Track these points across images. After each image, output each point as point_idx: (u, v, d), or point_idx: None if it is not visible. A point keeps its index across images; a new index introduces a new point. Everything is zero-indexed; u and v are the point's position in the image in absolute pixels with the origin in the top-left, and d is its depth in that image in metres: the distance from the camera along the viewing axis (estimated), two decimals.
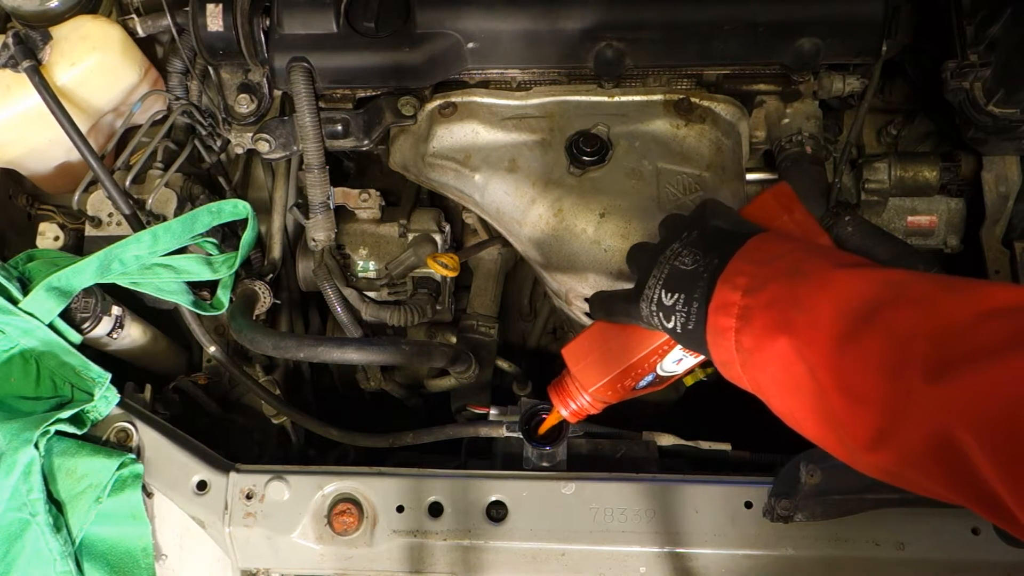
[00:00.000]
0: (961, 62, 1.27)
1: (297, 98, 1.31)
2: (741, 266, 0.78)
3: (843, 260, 0.74)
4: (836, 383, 0.68)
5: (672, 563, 1.10)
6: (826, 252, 0.77)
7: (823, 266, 0.73)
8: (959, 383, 0.59)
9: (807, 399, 0.72)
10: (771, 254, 0.78)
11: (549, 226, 1.26)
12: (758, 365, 0.75)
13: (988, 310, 0.62)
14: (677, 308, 0.82)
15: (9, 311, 1.18)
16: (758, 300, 0.74)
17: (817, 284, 0.71)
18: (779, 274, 0.75)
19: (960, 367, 0.60)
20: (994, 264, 1.45)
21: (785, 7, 1.25)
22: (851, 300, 0.68)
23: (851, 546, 1.07)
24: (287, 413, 1.40)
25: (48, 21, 1.38)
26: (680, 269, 0.83)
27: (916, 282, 0.68)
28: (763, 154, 1.47)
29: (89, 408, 1.18)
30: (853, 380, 0.67)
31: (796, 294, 0.72)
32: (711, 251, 0.82)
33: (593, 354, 1.02)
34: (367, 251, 1.42)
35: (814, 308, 0.70)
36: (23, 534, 1.10)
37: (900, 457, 0.65)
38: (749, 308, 0.75)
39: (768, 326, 0.73)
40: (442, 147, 1.34)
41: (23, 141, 1.40)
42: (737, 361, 0.77)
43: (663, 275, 0.84)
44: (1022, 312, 0.61)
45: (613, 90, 1.33)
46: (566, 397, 1.06)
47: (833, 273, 0.71)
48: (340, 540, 1.13)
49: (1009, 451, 0.56)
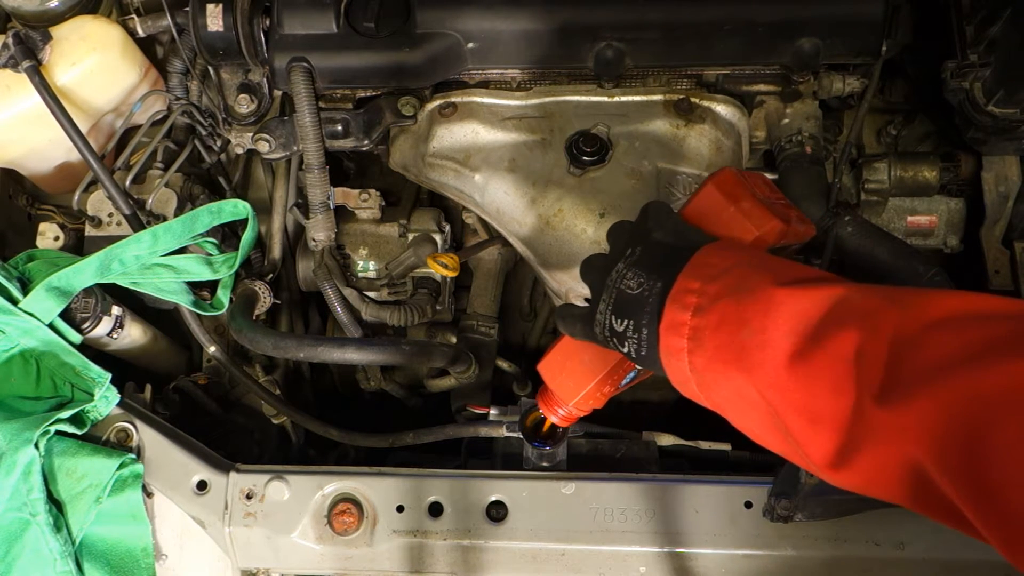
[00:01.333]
0: (961, 62, 1.27)
1: (297, 98, 1.31)
2: (688, 284, 0.75)
3: (786, 276, 0.70)
4: (789, 405, 0.67)
5: (672, 563, 1.10)
6: (770, 265, 0.74)
7: (766, 284, 0.70)
8: (910, 406, 0.58)
9: (763, 419, 0.71)
10: (717, 268, 0.75)
11: (549, 226, 1.26)
12: (712, 386, 0.74)
13: (934, 321, 0.60)
14: (628, 334, 0.80)
15: (9, 311, 1.18)
16: (707, 320, 0.72)
17: (762, 304, 0.69)
18: (725, 292, 0.72)
19: (910, 389, 0.58)
20: (994, 264, 1.45)
21: (785, 7, 1.25)
22: (796, 320, 0.67)
23: (851, 546, 1.07)
24: (287, 413, 1.40)
25: (48, 21, 1.38)
26: (627, 294, 0.80)
27: (860, 297, 0.66)
28: (763, 154, 1.47)
29: (89, 408, 1.18)
30: (806, 402, 0.66)
31: (743, 315, 0.70)
32: (654, 272, 0.79)
33: (568, 367, 0.98)
34: (367, 251, 1.42)
35: (762, 330, 0.68)
36: (23, 534, 1.10)
37: (863, 478, 0.64)
38: (699, 329, 0.73)
39: (718, 348, 0.71)
40: (442, 147, 1.34)
41: (23, 141, 1.40)
42: (692, 381, 0.75)
43: (611, 300, 0.81)
44: (968, 321, 0.60)
45: (613, 90, 1.33)
46: (553, 405, 1.04)
47: (776, 292, 0.69)
48: (340, 540, 1.13)
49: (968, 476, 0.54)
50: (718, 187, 0.86)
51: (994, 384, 0.54)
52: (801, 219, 0.88)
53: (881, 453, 0.61)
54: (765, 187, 0.89)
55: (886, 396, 0.60)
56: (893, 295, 0.65)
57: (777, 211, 0.85)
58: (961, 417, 0.55)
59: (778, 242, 0.85)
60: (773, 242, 0.84)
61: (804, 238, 0.89)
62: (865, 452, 0.62)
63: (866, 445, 0.62)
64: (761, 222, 0.83)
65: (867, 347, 0.62)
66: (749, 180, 0.87)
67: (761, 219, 0.83)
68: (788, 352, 0.66)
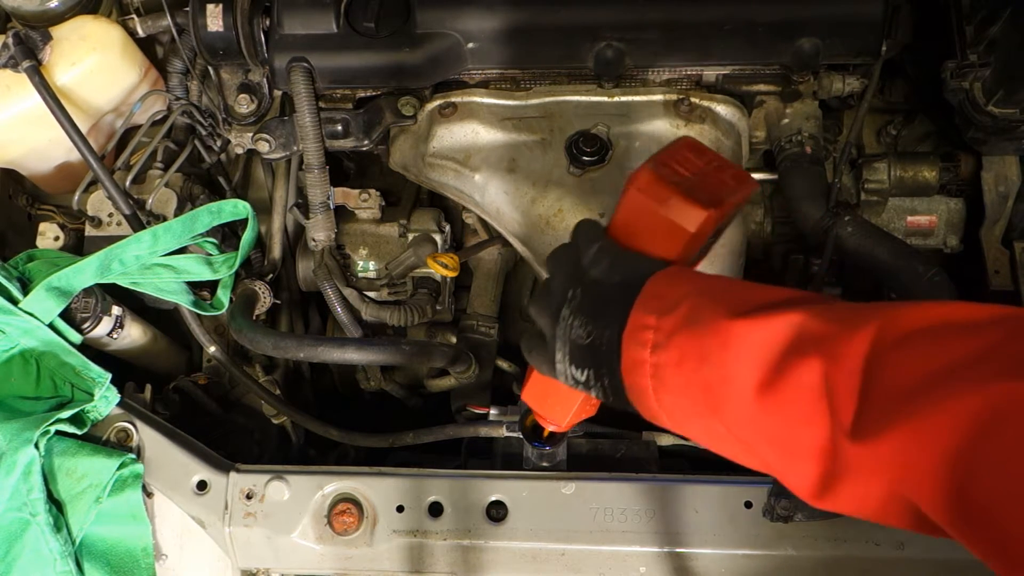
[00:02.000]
0: (961, 62, 1.27)
1: (297, 98, 1.31)
2: (643, 320, 0.71)
3: (741, 305, 0.67)
4: (763, 438, 0.65)
5: (672, 563, 1.10)
6: (723, 293, 0.70)
7: (720, 316, 0.67)
8: (884, 440, 0.56)
9: (741, 453, 0.69)
10: (669, 300, 0.71)
11: (549, 226, 1.26)
12: (684, 423, 0.72)
13: (893, 341, 0.58)
14: (591, 383, 0.77)
15: (9, 311, 1.18)
16: (668, 357, 0.69)
17: (719, 338, 0.66)
18: (681, 325, 0.69)
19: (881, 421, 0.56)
20: (994, 264, 1.44)
21: (785, 7, 1.25)
22: (756, 352, 0.64)
23: (851, 546, 1.07)
24: (287, 413, 1.40)
25: (48, 21, 1.38)
26: (579, 343, 0.76)
27: (815, 322, 0.63)
28: (763, 154, 1.46)
29: (89, 408, 1.18)
30: (779, 434, 0.64)
31: (701, 351, 0.67)
32: (602, 317, 0.75)
33: (550, 392, 0.93)
34: (367, 251, 1.42)
35: (722, 365, 0.65)
36: (23, 534, 1.10)
37: (849, 507, 0.62)
38: (660, 367, 0.70)
39: (683, 386, 0.69)
40: (442, 147, 1.34)
41: (23, 141, 1.40)
42: (664, 418, 0.73)
43: (566, 351, 0.77)
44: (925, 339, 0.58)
45: (613, 90, 1.33)
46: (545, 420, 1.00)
47: (732, 325, 0.66)
48: (340, 540, 1.13)
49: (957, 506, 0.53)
50: (640, 191, 0.79)
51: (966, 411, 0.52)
52: (738, 177, 0.81)
53: (862, 486, 0.59)
54: (691, 157, 0.81)
55: (859, 430, 0.58)
56: (851, 317, 0.62)
57: (709, 190, 0.78)
58: (938, 447, 0.53)
59: (721, 221, 0.80)
60: (714, 227, 0.79)
61: (748, 197, 0.82)
62: (846, 485, 0.60)
63: (846, 478, 0.60)
64: (693, 218, 0.76)
65: (832, 376, 0.60)
66: (672, 164, 0.80)
67: (692, 214, 0.76)
68: (754, 385, 0.64)
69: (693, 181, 0.79)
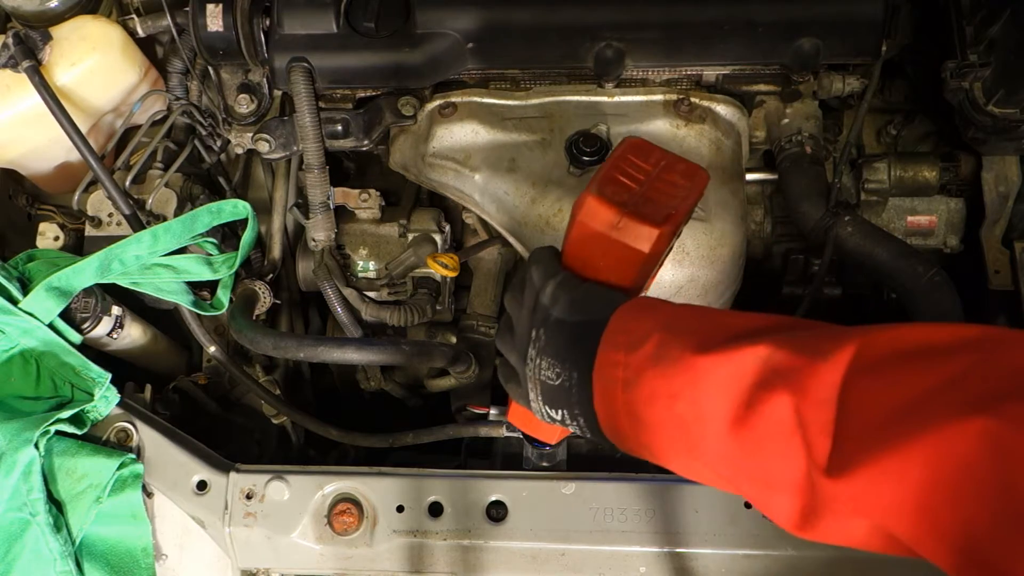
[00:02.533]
0: (961, 62, 1.27)
1: (297, 98, 1.31)
2: (611, 357, 0.70)
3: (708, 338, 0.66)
4: (740, 473, 0.64)
5: (672, 563, 1.10)
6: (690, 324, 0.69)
7: (687, 352, 0.65)
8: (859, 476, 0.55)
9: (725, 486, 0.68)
10: (635, 335, 0.69)
11: (549, 226, 1.25)
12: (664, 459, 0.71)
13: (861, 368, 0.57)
14: (567, 421, 0.76)
15: (9, 311, 1.18)
16: (639, 395, 0.68)
17: (688, 375, 0.65)
18: (649, 363, 0.67)
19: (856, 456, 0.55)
20: (994, 264, 1.44)
21: (785, 7, 1.25)
22: (726, 388, 0.63)
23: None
24: (287, 413, 1.40)
25: (48, 21, 1.37)
26: (549, 384, 0.75)
27: (781, 354, 0.61)
28: (763, 154, 1.46)
29: (89, 408, 1.18)
30: (756, 469, 0.63)
31: (670, 388, 0.66)
32: (568, 358, 0.73)
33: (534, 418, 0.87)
34: (367, 251, 1.42)
35: (694, 402, 0.65)
36: (23, 534, 1.10)
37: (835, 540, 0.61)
38: (632, 404, 0.68)
39: (657, 424, 0.68)
40: (442, 147, 1.34)
41: (23, 141, 1.40)
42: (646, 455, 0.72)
43: (538, 391, 0.77)
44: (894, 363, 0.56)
45: (613, 90, 1.33)
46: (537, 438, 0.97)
47: (698, 360, 0.64)
48: (340, 540, 1.13)
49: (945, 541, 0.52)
50: (587, 219, 0.76)
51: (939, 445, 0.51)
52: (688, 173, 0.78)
53: (843, 521, 0.58)
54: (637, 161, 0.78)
55: (834, 466, 0.57)
56: (819, 345, 0.60)
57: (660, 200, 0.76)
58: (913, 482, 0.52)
59: (677, 231, 0.77)
60: (670, 240, 0.77)
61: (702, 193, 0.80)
62: (826, 519, 0.60)
63: (825, 513, 0.59)
64: (646, 238, 0.74)
65: (802, 409, 0.59)
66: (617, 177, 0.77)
67: (644, 234, 0.74)
68: (727, 421, 0.63)
69: (641, 194, 0.76)
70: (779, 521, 0.64)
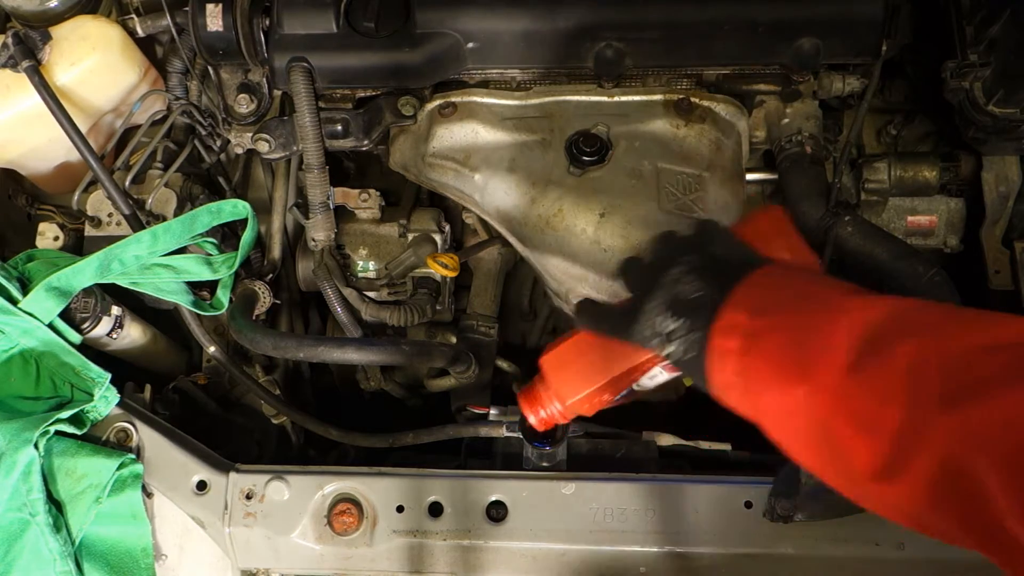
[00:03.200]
0: (961, 62, 1.27)
1: (297, 98, 1.31)
2: (748, 291, 0.77)
3: (850, 289, 0.74)
4: (842, 411, 0.67)
5: (672, 563, 1.10)
6: (832, 280, 0.77)
7: (832, 293, 0.73)
8: (975, 411, 0.59)
9: (806, 429, 0.71)
10: (777, 282, 0.78)
11: (549, 226, 1.25)
12: (758, 393, 0.74)
13: (996, 344, 0.61)
14: (679, 335, 0.80)
15: (9, 311, 1.18)
16: (767, 323, 0.74)
17: (826, 312, 0.71)
18: (786, 301, 0.75)
19: (976, 395, 0.59)
20: (994, 264, 1.45)
21: (785, 7, 1.25)
22: (862, 327, 0.68)
23: (851, 546, 1.07)
24: (287, 413, 1.40)
25: (48, 21, 1.37)
26: (682, 298, 0.81)
27: (922, 311, 0.68)
28: (763, 154, 1.46)
29: (89, 408, 1.18)
30: (861, 409, 0.66)
31: (807, 321, 0.72)
32: (714, 279, 0.81)
33: (573, 366, 0.97)
34: (367, 251, 1.42)
35: (828, 334, 0.69)
36: (23, 534, 1.10)
37: (911, 489, 0.64)
38: (756, 332, 0.74)
39: (774, 349, 0.73)
40: (442, 147, 1.34)
41: (23, 141, 1.40)
42: (738, 387, 0.76)
43: (666, 300, 0.82)
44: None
45: (613, 90, 1.33)
46: (537, 405, 1.02)
47: (843, 300, 0.71)
48: (340, 540, 1.13)
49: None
50: (770, 221, 0.93)
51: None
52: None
53: (936, 456, 0.61)
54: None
55: (949, 402, 0.60)
56: (954, 314, 0.67)
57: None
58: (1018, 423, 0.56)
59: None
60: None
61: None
62: (919, 456, 0.62)
63: (921, 450, 0.62)
64: (806, 259, 0.91)
65: (930, 359, 0.63)
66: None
67: (805, 257, 0.91)
68: (849, 358, 0.67)
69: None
70: (860, 466, 0.66)
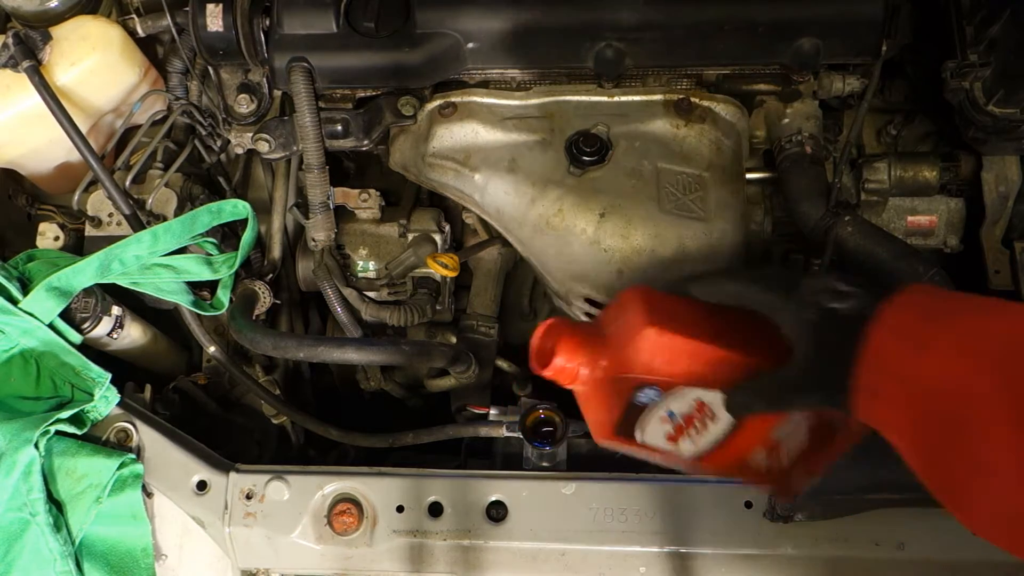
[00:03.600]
0: (961, 62, 1.27)
1: (297, 98, 1.31)
2: (918, 291, 0.79)
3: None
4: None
5: (672, 563, 1.10)
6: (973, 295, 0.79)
7: (991, 301, 0.75)
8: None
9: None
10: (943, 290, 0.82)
11: (549, 226, 1.26)
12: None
13: None
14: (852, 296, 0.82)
15: (9, 311, 1.18)
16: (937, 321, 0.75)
17: (996, 313, 0.73)
18: (953, 307, 0.76)
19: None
20: (994, 264, 1.44)
21: (785, 7, 1.25)
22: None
23: (851, 546, 1.07)
24: (287, 413, 1.40)
25: (48, 21, 1.37)
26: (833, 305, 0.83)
27: None
28: (763, 154, 1.46)
29: (89, 408, 1.18)
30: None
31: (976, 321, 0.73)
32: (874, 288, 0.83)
33: (677, 306, 0.95)
34: (367, 251, 1.42)
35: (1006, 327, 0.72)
36: (23, 534, 1.10)
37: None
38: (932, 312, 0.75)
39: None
40: (442, 147, 1.34)
41: (23, 141, 1.40)
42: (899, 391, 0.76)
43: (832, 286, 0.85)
44: None
45: (613, 90, 1.33)
46: (584, 353, 0.93)
47: (1006, 306, 0.73)
48: (340, 540, 1.13)
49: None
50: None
51: None
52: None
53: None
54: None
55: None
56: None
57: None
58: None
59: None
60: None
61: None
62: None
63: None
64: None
65: None
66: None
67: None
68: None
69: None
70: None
